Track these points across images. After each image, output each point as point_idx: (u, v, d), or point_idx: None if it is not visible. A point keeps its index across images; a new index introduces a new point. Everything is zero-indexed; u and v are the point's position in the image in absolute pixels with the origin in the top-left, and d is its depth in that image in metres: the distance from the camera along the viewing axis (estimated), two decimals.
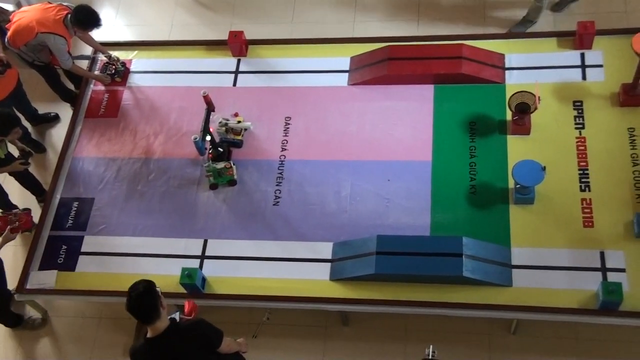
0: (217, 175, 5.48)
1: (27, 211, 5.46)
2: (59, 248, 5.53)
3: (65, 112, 6.85)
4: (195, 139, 5.26)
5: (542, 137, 5.35)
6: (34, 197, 6.35)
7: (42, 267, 5.48)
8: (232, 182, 5.53)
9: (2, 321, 5.76)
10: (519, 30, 6.49)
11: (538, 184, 4.92)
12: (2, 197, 6.02)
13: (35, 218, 5.77)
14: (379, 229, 5.15)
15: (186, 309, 4.44)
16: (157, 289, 3.93)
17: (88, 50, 6.59)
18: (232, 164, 5.50)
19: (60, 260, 5.48)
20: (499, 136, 5.42)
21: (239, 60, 6.18)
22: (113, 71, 6.23)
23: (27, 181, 6.23)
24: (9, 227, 5.19)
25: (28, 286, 5.42)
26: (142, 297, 3.85)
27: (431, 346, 4.12)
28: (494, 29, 6.58)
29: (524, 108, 5.23)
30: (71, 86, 6.81)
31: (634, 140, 5.23)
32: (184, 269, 5.06)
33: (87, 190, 5.77)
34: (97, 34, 6.23)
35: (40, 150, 6.71)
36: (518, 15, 6.72)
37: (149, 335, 3.94)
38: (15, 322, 5.80)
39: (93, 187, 5.76)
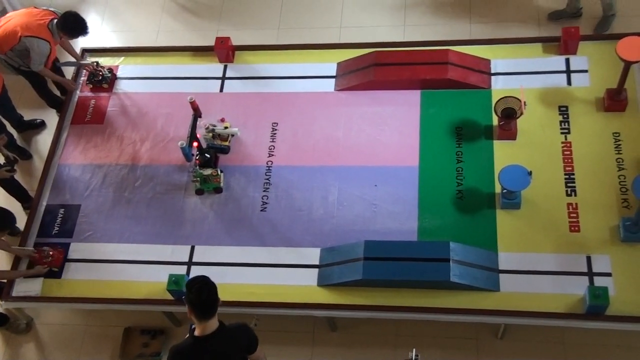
0: (203, 181, 5.47)
1: (61, 249, 5.41)
2: None
3: (51, 118, 6.81)
4: (182, 145, 5.25)
5: (528, 142, 5.38)
6: (19, 204, 6.31)
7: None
8: (217, 190, 5.51)
9: None
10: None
11: (524, 188, 4.94)
12: None
13: (21, 225, 5.73)
14: (367, 235, 5.15)
15: None
16: None
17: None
18: (219, 172, 5.49)
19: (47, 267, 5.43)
20: (485, 141, 5.44)
21: (225, 66, 6.17)
22: (100, 78, 6.20)
23: (13, 188, 6.18)
24: (44, 261, 5.28)
25: (14, 293, 5.37)
26: (207, 291, 3.82)
27: (414, 350, 4.12)
28: (479, 35, 6.61)
29: (509, 113, 5.26)
30: (58, 92, 6.78)
31: (619, 144, 5.26)
32: (171, 276, 5.04)
33: (73, 197, 5.73)
34: (84, 40, 6.21)
35: (26, 157, 6.68)
36: (503, 20, 6.77)
37: (197, 333, 3.88)
38: (1, 321, 5.74)
39: (79, 194, 5.73)
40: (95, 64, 6.24)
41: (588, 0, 6.51)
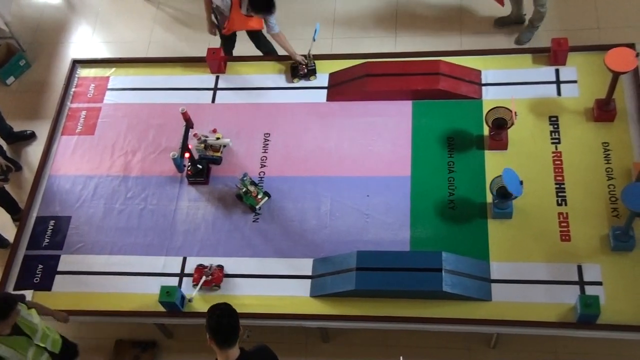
0: (245, 192, 5.41)
1: (221, 267, 5.29)
2: (35, 267, 5.45)
3: (41, 129, 6.79)
4: (174, 156, 5.24)
5: (519, 152, 5.41)
6: (9, 216, 6.27)
7: (18, 287, 5.38)
8: (252, 208, 5.44)
9: None
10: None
11: (518, 196, 4.93)
12: None
13: (10, 237, 5.69)
14: (359, 245, 5.16)
15: None
16: None
17: None
18: (264, 195, 5.43)
19: (37, 279, 5.40)
20: (477, 151, 5.47)
21: (217, 77, 6.17)
22: (305, 71, 6.03)
23: (3, 199, 6.15)
24: (203, 278, 5.16)
25: None
26: (228, 317, 3.74)
27: (401, 357, 4.12)
28: (470, 46, 6.66)
29: (500, 123, 5.29)
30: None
31: (609, 154, 5.30)
32: (163, 287, 5.02)
33: (63, 208, 5.70)
34: (75, 52, 6.19)
35: (16, 169, 6.63)
36: (492, 31, 6.82)
37: None
38: None
39: (70, 206, 5.70)
40: (309, 55, 6.01)
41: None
